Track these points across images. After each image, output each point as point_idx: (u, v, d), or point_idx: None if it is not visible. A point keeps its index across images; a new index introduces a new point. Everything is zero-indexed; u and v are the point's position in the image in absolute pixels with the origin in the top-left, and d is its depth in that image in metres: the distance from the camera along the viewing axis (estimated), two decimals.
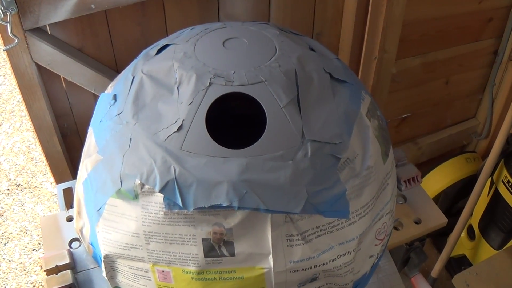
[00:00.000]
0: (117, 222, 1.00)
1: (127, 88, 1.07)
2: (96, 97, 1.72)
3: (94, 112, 1.17)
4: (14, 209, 3.33)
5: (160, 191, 0.92)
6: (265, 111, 0.96)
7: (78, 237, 1.29)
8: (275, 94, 0.98)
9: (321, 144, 0.96)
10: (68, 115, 1.78)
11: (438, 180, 2.86)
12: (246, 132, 1.12)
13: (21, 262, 3.04)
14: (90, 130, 1.13)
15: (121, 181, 0.97)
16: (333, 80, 1.07)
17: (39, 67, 1.59)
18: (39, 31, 1.54)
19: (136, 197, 0.96)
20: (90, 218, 1.08)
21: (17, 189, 3.44)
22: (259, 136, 0.95)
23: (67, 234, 1.37)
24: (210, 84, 0.98)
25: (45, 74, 1.63)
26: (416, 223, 1.46)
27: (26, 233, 3.20)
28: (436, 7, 2.26)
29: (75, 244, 1.34)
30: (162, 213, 0.94)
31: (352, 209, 0.99)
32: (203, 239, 0.94)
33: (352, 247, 1.02)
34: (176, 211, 0.93)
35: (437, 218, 1.48)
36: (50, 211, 3.29)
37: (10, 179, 3.49)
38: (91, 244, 1.12)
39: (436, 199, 2.85)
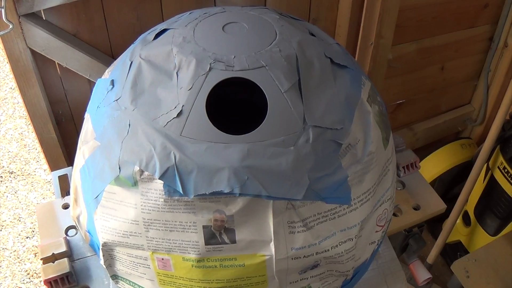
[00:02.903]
0: (115, 209, 0.99)
1: (125, 74, 1.06)
2: (91, 83, 1.71)
3: (91, 98, 1.16)
4: (7, 196, 3.31)
5: (160, 178, 0.91)
6: (266, 96, 0.95)
7: (75, 224, 1.28)
8: (276, 79, 0.97)
9: (322, 129, 0.96)
10: (63, 101, 1.77)
11: (433, 166, 2.87)
12: (247, 118, 1.11)
13: (15, 250, 3.02)
14: (87, 116, 1.12)
15: (119, 168, 0.96)
16: (334, 65, 1.06)
17: (33, 53, 1.57)
18: (34, 17, 1.52)
19: (135, 184, 0.95)
20: (87, 206, 1.07)
21: (10, 177, 3.42)
22: (260, 122, 0.94)
23: (63, 221, 1.36)
24: (210, 69, 0.97)
25: (40, 60, 1.62)
26: (415, 209, 1.46)
27: (20, 221, 3.18)
28: None
29: (71, 232, 1.33)
30: (162, 200, 0.93)
31: (353, 195, 0.99)
32: (203, 226, 0.93)
33: (353, 233, 1.01)
34: (176, 198, 0.92)
35: (435, 204, 1.48)
36: (43, 198, 3.28)
37: (3, 166, 3.48)
38: (88, 232, 1.11)
39: (432, 185, 2.79)
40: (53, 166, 1.83)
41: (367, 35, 2.10)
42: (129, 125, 0.98)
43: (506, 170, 2.42)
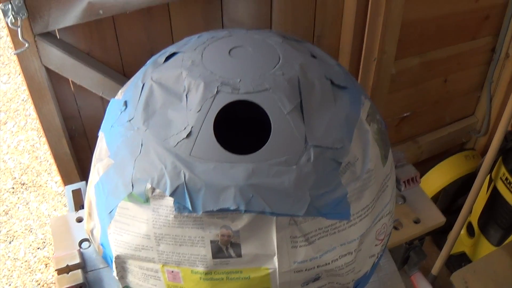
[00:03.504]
0: (128, 224, 1.05)
1: (137, 95, 1.11)
2: (103, 100, 1.76)
3: (105, 117, 1.21)
4: (19, 207, 3.34)
5: (171, 195, 0.97)
6: (270, 118, 1.00)
7: (88, 237, 1.32)
8: (279, 101, 1.02)
9: (323, 149, 1.01)
10: (76, 117, 1.81)
11: (438, 178, 2.89)
12: (251, 136, 1.16)
13: (26, 260, 3.05)
14: (101, 134, 1.17)
15: (132, 185, 1.01)
16: (334, 86, 1.11)
17: (48, 70, 1.61)
18: (49, 36, 1.57)
19: (147, 200, 1.00)
20: (101, 220, 1.12)
21: (21, 188, 3.45)
22: (264, 141, 0.99)
23: (77, 234, 1.40)
24: (217, 92, 1.02)
25: (54, 77, 1.66)
26: (415, 222, 1.50)
27: (31, 232, 3.21)
28: (434, 6, 2.28)
29: (85, 245, 1.37)
30: (172, 216, 0.98)
31: (353, 211, 1.04)
32: (211, 241, 0.99)
33: (353, 247, 1.06)
34: (185, 214, 0.97)
35: (435, 218, 1.52)
36: (54, 209, 3.31)
37: (15, 178, 3.51)
38: (102, 245, 1.16)
39: (436, 197, 2.87)
40: (66, 180, 1.86)
41: (370, 51, 2.14)
42: (142, 144, 1.03)
43: (508, 181, 2.45)
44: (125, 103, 1.13)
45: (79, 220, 1.44)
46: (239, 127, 1.39)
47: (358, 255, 1.09)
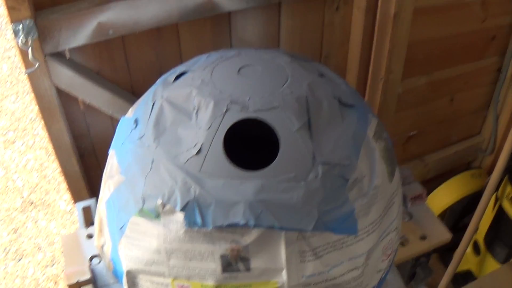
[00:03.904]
0: (139, 239, 1.06)
1: (148, 113, 1.13)
2: (113, 119, 1.78)
3: (115, 135, 1.23)
4: (27, 226, 3.36)
5: (181, 211, 0.98)
6: (279, 135, 1.02)
7: (99, 253, 1.34)
8: (287, 119, 1.04)
9: (331, 166, 1.02)
10: (85, 136, 1.83)
11: (444, 197, 2.89)
12: (260, 153, 1.17)
13: (35, 278, 3.07)
14: (112, 152, 1.19)
15: (143, 201, 1.03)
16: (342, 105, 1.13)
17: (58, 89, 1.63)
18: (59, 55, 1.59)
19: (157, 216, 1.01)
20: (112, 236, 1.14)
21: (30, 207, 3.47)
22: (273, 158, 1.01)
23: (87, 251, 1.42)
24: (227, 110, 1.04)
25: (64, 97, 1.67)
26: (422, 239, 1.51)
27: (40, 250, 3.23)
28: (440, 27, 2.30)
29: (95, 261, 1.39)
30: (183, 231, 1.00)
31: (360, 226, 1.05)
32: (221, 256, 1.00)
33: (360, 262, 1.08)
34: (196, 229, 0.99)
35: (441, 234, 1.53)
36: (63, 227, 3.32)
37: (23, 197, 3.53)
38: (112, 261, 1.17)
39: (443, 215, 2.88)
40: (76, 197, 1.88)
41: (377, 71, 2.16)
42: (152, 161, 1.05)
43: None
44: (136, 121, 1.15)
45: (90, 236, 1.45)
46: (249, 145, 1.40)
47: (366, 270, 1.10)
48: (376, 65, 2.14)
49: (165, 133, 1.08)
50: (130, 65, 1.74)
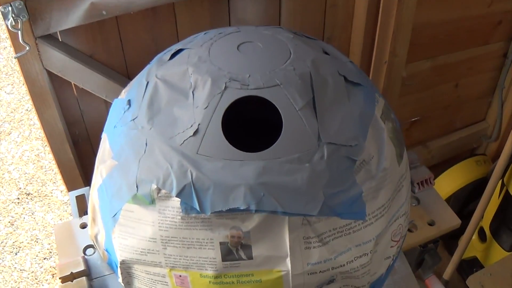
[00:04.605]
0: (133, 227, 1.00)
1: (142, 93, 1.07)
2: (107, 104, 1.73)
3: (108, 118, 1.17)
4: (24, 218, 3.33)
5: (177, 196, 0.92)
6: (281, 114, 0.96)
7: (93, 244, 1.29)
8: (290, 97, 0.98)
9: (337, 146, 0.96)
10: (79, 122, 1.79)
11: (448, 183, 2.86)
12: (262, 136, 1.12)
13: (33, 271, 3.04)
14: (104, 136, 1.14)
15: (137, 186, 0.97)
16: (348, 83, 1.07)
17: (50, 74, 1.59)
18: (50, 38, 1.54)
19: (152, 202, 0.96)
20: (105, 224, 1.08)
21: (27, 198, 3.44)
22: (275, 140, 0.95)
23: (81, 241, 1.37)
24: (225, 88, 0.98)
25: (56, 81, 1.63)
26: (430, 225, 1.46)
27: (37, 242, 3.20)
28: (446, 10, 2.26)
29: (89, 251, 1.34)
30: (179, 217, 0.94)
31: (368, 210, 0.99)
32: (220, 243, 0.94)
33: (369, 248, 1.02)
34: (193, 215, 0.93)
35: (450, 220, 1.49)
36: (60, 219, 3.29)
37: (20, 188, 3.50)
38: (106, 251, 1.12)
39: (447, 202, 2.79)
40: (70, 187, 1.84)
41: (381, 53, 2.11)
42: (146, 144, 0.99)
43: None
44: (129, 102, 1.09)
45: (83, 226, 1.41)
46: (249, 129, 1.35)
47: (374, 257, 1.05)
48: (380, 48, 2.10)
49: (160, 113, 1.02)
50: (125, 47, 1.69)
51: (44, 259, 3.12)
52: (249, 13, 1.82)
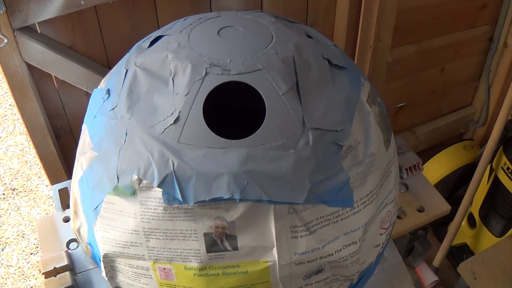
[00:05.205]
0: (115, 220, 0.98)
1: (121, 82, 1.04)
2: (88, 96, 1.67)
3: (88, 108, 1.14)
4: (10, 213, 3.30)
5: (159, 186, 0.90)
6: (264, 100, 0.93)
7: (76, 237, 1.26)
8: (273, 82, 0.95)
9: (322, 131, 0.94)
10: (61, 115, 1.76)
11: (436, 169, 2.85)
12: (245, 124, 1.09)
13: (19, 267, 3.02)
14: (84, 127, 1.11)
15: (117, 178, 0.94)
16: (332, 66, 1.05)
17: (29, 66, 1.56)
18: (29, 30, 1.52)
19: (134, 193, 0.93)
20: (87, 218, 1.05)
21: (12, 193, 3.41)
22: (257, 127, 0.92)
23: (64, 235, 1.35)
24: (206, 73, 0.95)
25: (36, 74, 1.61)
26: (419, 211, 1.45)
27: (23, 237, 3.17)
28: None
29: (73, 245, 1.32)
30: (162, 208, 0.91)
31: (356, 197, 0.97)
32: (204, 234, 0.92)
33: (357, 236, 0.99)
34: (175, 206, 0.90)
35: (440, 206, 1.47)
36: (46, 213, 3.27)
37: (5, 184, 3.47)
38: (89, 244, 1.09)
39: (435, 187, 2.81)
40: (54, 180, 1.82)
41: (365, 39, 2.09)
42: (126, 133, 0.96)
43: (510, 171, 2.41)
44: (108, 91, 1.06)
45: (66, 220, 1.39)
46: (234, 119, 1.32)
47: (363, 245, 1.02)
48: (364, 33, 2.08)
49: (140, 102, 0.99)
50: (105, 37, 1.66)
51: (31, 254, 3.09)
52: (230, 0, 1.79)
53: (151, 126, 0.94)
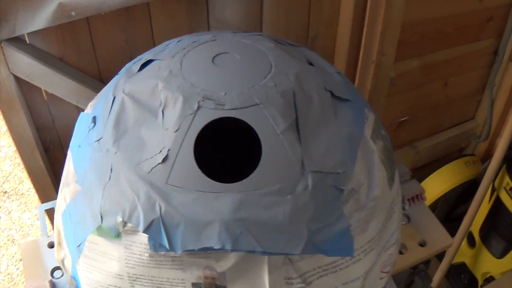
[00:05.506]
0: (98, 261, 0.92)
1: (107, 110, 0.98)
2: (79, 109, 1.64)
3: (73, 133, 1.09)
4: (0, 217, 3.27)
5: (144, 231, 0.84)
6: (261, 139, 0.87)
7: (60, 267, 1.21)
8: (271, 119, 0.88)
9: (323, 174, 0.87)
10: (50, 128, 1.70)
11: (437, 185, 2.80)
12: (239, 161, 1.03)
13: (9, 273, 2.99)
14: (69, 155, 1.05)
15: (101, 217, 0.89)
16: (335, 98, 0.98)
17: (17, 78, 1.50)
18: (17, 41, 1.45)
19: (118, 235, 0.87)
20: (71, 252, 0.99)
21: (4, 196, 3.38)
22: (253, 167, 0.86)
23: (49, 262, 1.29)
24: (198, 108, 0.89)
25: (25, 86, 1.54)
26: (421, 245, 1.39)
27: (13, 243, 3.14)
28: (436, 7, 2.19)
29: (57, 273, 1.26)
30: (147, 254, 0.85)
31: (357, 245, 0.91)
32: (193, 284, 0.86)
33: (356, 286, 0.93)
34: (162, 253, 0.84)
35: (443, 239, 1.41)
36: (37, 219, 3.22)
37: None
38: (74, 278, 1.03)
39: (435, 204, 2.79)
40: (42, 195, 1.77)
41: (368, 53, 2.03)
42: (111, 169, 0.90)
43: None
44: (94, 120, 1.00)
45: (51, 245, 1.33)
46: (226, 155, 1.27)
47: None
48: (367, 47, 2.01)
49: (126, 134, 0.93)
50: (97, 50, 1.59)
51: (21, 260, 3.01)
52: (228, 13, 1.73)
53: (138, 164, 0.88)
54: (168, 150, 0.87)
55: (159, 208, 0.83)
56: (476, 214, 2.42)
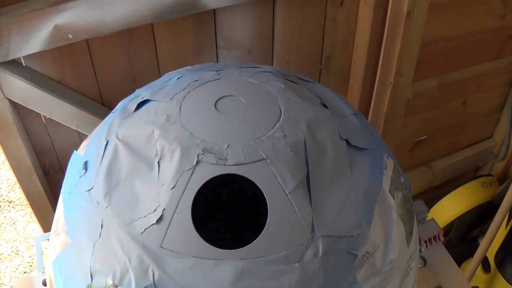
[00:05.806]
0: None
1: (99, 157, 0.90)
2: (80, 133, 1.59)
3: (66, 174, 1.02)
4: (5, 227, 3.23)
5: None
6: (267, 200, 0.79)
7: None
8: (279, 177, 0.80)
9: (335, 239, 0.79)
10: (49, 151, 1.64)
11: (452, 207, 2.72)
12: (241, 219, 0.94)
13: (12, 286, 2.92)
14: (60, 199, 0.98)
15: (91, 277, 0.82)
16: (351, 148, 0.90)
17: (13, 103, 1.45)
18: (12, 64, 1.40)
19: None
20: None
21: (9, 206, 3.34)
22: (257, 230, 0.78)
23: None
24: (197, 162, 0.81)
25: (22, 109, 1.49)
26: None
27: (18, 254, 3.09)
28: (456, 24, 2.13)
29: None
30: None
31: None
32: None
33: None
34: None
35: (460, 285, 1.34)
36: (42, 231, 3.16)
37: (1, 195, 3.39)
38: None
39: (450, 226, 2.73)
40: (42, 219, 1.74)
41: (385, 74, 1.96)
42: (102, 226, 0.82)
43: None
44: (85, 165, 0.93)
45: (45, 283, 1.26)
46: (227, 215, 1.19)
47: None
48: (385, 68, 1.94)
49: (119, 187, 0.85)
50: (98, 72, 1.53)
51: (24, 272, 3.01)
52: (238, 31, 1.67)
53: (130, 222, 0.80)
54: (163, 209, 0.79)
55: (152, 275, 0.76)
56: (493, 240, 2.36)
